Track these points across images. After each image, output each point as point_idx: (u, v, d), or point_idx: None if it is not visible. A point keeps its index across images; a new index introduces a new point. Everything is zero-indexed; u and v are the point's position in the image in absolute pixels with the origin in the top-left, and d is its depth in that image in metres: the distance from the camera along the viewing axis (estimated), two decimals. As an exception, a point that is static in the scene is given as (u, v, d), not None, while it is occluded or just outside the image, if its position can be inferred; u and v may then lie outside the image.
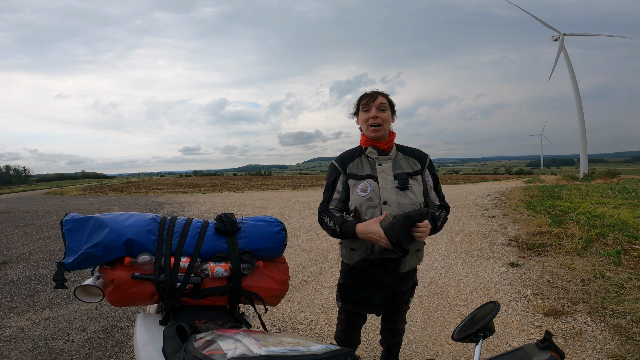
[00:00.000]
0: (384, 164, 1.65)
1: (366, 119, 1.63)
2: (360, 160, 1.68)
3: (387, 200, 1.58)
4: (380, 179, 1.61)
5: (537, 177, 33.63)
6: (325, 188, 1.71)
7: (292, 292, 3.68)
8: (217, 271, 1.31)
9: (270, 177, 65.83)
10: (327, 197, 1.69)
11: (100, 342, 2.76)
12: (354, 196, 1.63)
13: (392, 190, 1.59)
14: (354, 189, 1.63)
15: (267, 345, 0.82)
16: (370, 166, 1.65)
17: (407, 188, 1.60)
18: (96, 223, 1.29)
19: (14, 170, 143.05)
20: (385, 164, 1.64)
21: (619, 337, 2.48)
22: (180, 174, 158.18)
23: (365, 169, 1.65)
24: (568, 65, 34.60)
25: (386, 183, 1.60)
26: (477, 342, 0.89)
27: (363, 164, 1.67)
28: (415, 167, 1.67)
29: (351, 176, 1.65)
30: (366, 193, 1.60)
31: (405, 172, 1.63)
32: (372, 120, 1.61)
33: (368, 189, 1.60)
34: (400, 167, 1.65)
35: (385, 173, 1.62)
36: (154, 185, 35.70)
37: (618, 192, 10.41)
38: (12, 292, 3.97)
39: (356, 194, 1.62)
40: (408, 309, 1.96)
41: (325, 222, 1.63)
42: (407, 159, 1.69)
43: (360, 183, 1.62)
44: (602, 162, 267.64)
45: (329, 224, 1.60)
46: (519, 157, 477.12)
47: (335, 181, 1.68)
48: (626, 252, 4.33)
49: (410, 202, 1.60)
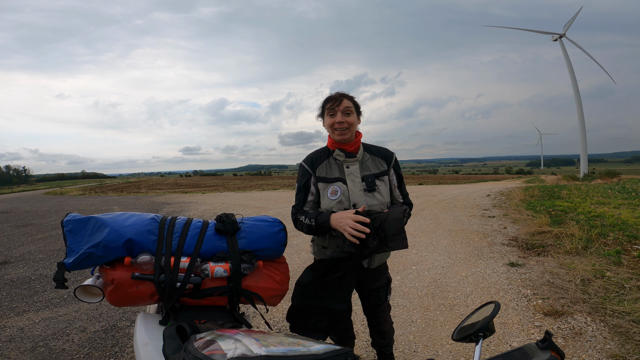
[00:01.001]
0: (351, 166, 1.67)
1: (332, 124, 1.64)
2: (328, 162, 1.70)
3: (356, 203, 1.62)
4: (348, 181, 1.64)
5: (537, 177, 33.62)
6: (298, 190, 1.72)
7: (292, 292, 3.68)
8: (217, 271, 1.31)
9: (270, 177, 65.83)
10: (301, 199, 1.71)
11: (100, 342, 2.76)
12: (324, 200, 1.65)
13: (361, 192, 1.63)
14: (324, 192, 1.65)
15: (267, 345, 0.82)
16: (339, 168, 1.68)
17: (374, 190, 1.64)
18: (96, 223, 1.30)
19: (14, 170, 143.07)
20: (353, 166, 1.67)
21: (619, 337, 2.48)
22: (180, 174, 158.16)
23: (334, 172, 1.67)
24: (568, 65, 34.59)
25: (354, 185, 1.63)
26: (477, 342, 0.89)
27: (332, 166, 1.69)
28: (382, 168, 1.71)
29: (320, 179, 1.67)
30: (336, 197, 1.62)
31: (372, 174, 1.67)
32: (338, 125, 1.63)
33: (338, 193, 1.63)
34: (367, 168, 1.69)
35: (353, 175, 1.65)
36: (154, 185, 35.70)
37: (618, 192, 10.41)
38: (12, 292, 3.97)
39: (327, 197, 1.64)
40: (390, 308, 1.95)
41: (300, 220, 1.65)
42: (374, 159, 1.72)
43: (330, 186, 1.64)
44: (602, 162, 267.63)
45: (304, 220, 1.62)
46: (519, 157, 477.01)
47: (307, 183, 1.69)
48: (626, 252, 4.32)
49: (377, 202, 1.65)
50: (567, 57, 34.73)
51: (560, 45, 34.89)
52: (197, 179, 56.56)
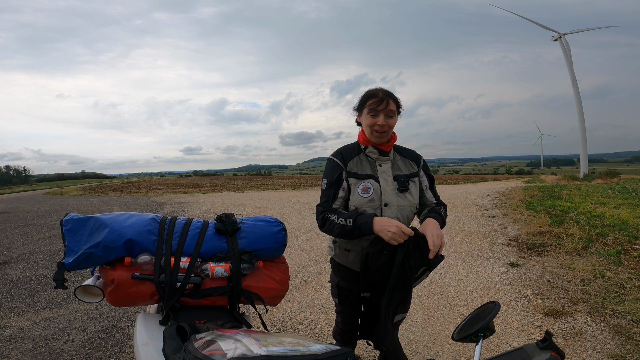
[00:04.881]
0: (384, 165, 1.62)
1: (372, 124, 1.56)
2: (359, 158, 1.63)
3: (387, 202, 1.56)
4: (381, 180, 1.59)
5: (537, 177, 33.62)
6: (327, 185, 1.59)
7: (292, 292, 3.68)
8: (217, 271, 1.31)
9: (271, 177, 65.82)
10: (330, 195, 1.58)
11: (100, 342, 2.76)
12: (354, 196, 1.57)
13: (393, 192, 1.58)
14: (355, 188, 1.57)
15: (267, 345, 0.82)
16: (371, 166, 1.62)
17: (406, 190, 1.60)
18: (96, 223, 1.30)
19: (14, 170, 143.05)
20: (385, 165, 1.63)
21: (619, 337, 2.48)
22: (180, 174, 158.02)
23: (366, 169, 1.61)
24: (568, 65, 34.60)
25: (387, 184, 1.58)
26: (477, 342, 0.89)
27: (363, 163, 1.62)
28: (412, 169, 1.67)
29: (352, 174, 1.59)
30: (369, 194, 1.56)
31: (404, 174, 1.62)
32: (379, 128, 1.55)
33: (370, 190, 1.56)
34: (398, 168, 1.64)
35: (385, 174, 1.60)
36: (154, 185, 35.70)
37: (618, 192, 10.41)
38: (12, 292, 3.97)
39: (357, 194, 1.56)
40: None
41: (331, 220, 1.51)
42: (405, 160, 1.68)
43: (361, 183, 1.57)
44: (602, 162, 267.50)
45: (338, 220, 1.49)
46: (519, 157, 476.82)
47: (340, 177, 1.58)
48: (626, 252, 4.32)
49: (408, 203, 1.60)
50: (567, 57, 34.73)
51: (560, 45, 34.90)
52: (197, 179, 56.55)
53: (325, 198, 1.59)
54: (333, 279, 1.79)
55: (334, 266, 1.80)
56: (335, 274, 1.78)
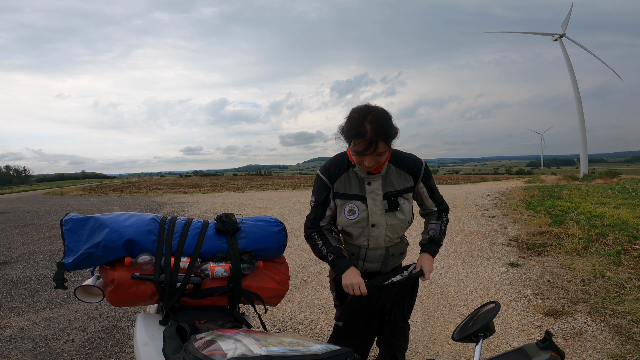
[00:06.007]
0: (373, 183, 1.51)
1: (358, 162, 1.43)
2: (347, 175, 1.53)
3: (375, 223, 1.52)
4: (369, 200, 1.50)
5: (537, 177, 33.60)
6: (315, 204, 1.56)
7: (292, 292, 3.68)
8: (217, 271, 1.31)
9: (271, 177, 65.81)
10: (317, 214, 1.57)
11: (100, 342, 2.76)
12: (341, 217, 1.54)
13: (381, 212, 1.52)
14: (341, 209, 1.54)
15: (267, 345, 0.82)
16: (359, 184, 1.52)
17: (396, 209, 1.53)
18: (96, 223, 1.30)
19: (14, 170, 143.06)
20: (375, 183, 1.51)
21: (619, 337, 2.48)
22: (180, 174, 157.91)
23: (354, 188, 1.52)
24: (568, 65, 34.60)
25: (375, 205, 1.50)
26: (477, 342, 0.89)
27: (351, 181, 1.53)
28: (407, 184, 1.55)
29: (338, 195, 1.53)
30: (354, 217, 1.52)
31: (395, 191, 1.52)
32: (366, 168, 1.44)
33: (356, 213, 1.51)
34: (390, 183, 1.52)
35: (374, 193, 1.51)
36: (154, 185, 35.70)
37: (618, 192, 10.41)
38: (12, 292, 3.97)
39: (343, 215, 1.54)
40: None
41: (316, 242, 1.57)
42: (400, 173, 1.54)
43: (347, 204, 1.52)
44: (602, 162, 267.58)
45: (321, 247, 1.55)
46: (519, 157, 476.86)
47: (327, 199, 1.55)
48: (626, 252, 4.32)
49: (398, 222, 1.55)
50: (567, 57, 34.74)
51: (560, 45, 34.90)
52: (197, 179, 56.55)
53: (313, 214, 1.60)
54: (331, 274, 1.81)
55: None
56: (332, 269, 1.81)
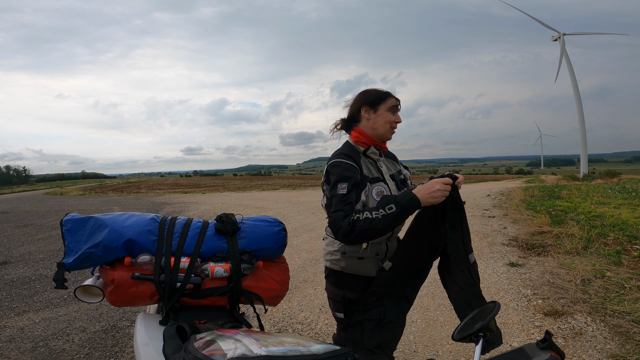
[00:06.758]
0: (383, 166, 1.60)
1: (392, 120, 1.55)
2: (364, 159, 1.54)
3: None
4: (388, 181, 1.56)
5: (537, 177, 33.57)
6: (349, 189, 1.36)
7: (292, 292, 3.68)
8: (217, 271, 1.31)
9: (271, 177, 65.78)
10: (353, 198, 1.37)
11: (100, 342, 2.76)
12: (371, 202, 1.44)
13: (396, 192, 1.55)
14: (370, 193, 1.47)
15: (267, 345, 0.82)
16: (375, 168, 1.56)
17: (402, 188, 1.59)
18: (96, 223, 1.29)
19: (14, 170, 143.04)
20: (384, 166, 1.60)
21: (619, 337, 2.48)
22: (180, 174, 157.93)
23: (373, 171, 1.53)
24: (568, 65, 34.58)
25: (391, 185, 1.55)
26: (477, 342, 0.89)
27: (369, 165, 1.54)
28: (397, 167, 1.69)
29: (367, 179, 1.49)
30: None
31: (396, 172, 1.64)
32: (396, 125, 1.58)
33: (384, 194, 1.47)
34: (389, 168, 1.63)
35: (386, 175, 1.58)
36: (154, 185, 35.69)
37: (618, 192, 10.41)
38: (12, 292, 3.97)
39: (372, 198, 1.44)
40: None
41: (364, 218, 1.28)
42: (387, 159, 1.67)
43: (374, 187, 1.48)
44: (602, 162, 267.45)
45: (373, 215, 1.27)
46: (519, 157, 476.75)
47: (363, 180, 1.44)
48: (626, 252, 4.32)
49: None
50: (567, 57, 34.72)
51: (560, 45, 34.88)
52: (197, 179, 56.52)
53: (345, 201, 1.34)
54: (335, 293, 1.58)
55: (338, 279, 1.58)
56: (338, 288, 1.57)
